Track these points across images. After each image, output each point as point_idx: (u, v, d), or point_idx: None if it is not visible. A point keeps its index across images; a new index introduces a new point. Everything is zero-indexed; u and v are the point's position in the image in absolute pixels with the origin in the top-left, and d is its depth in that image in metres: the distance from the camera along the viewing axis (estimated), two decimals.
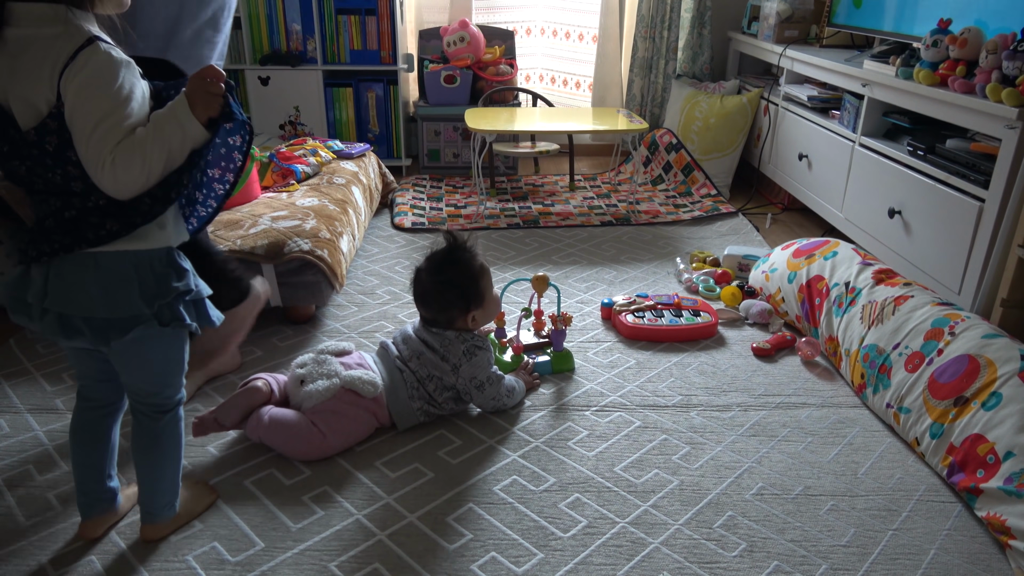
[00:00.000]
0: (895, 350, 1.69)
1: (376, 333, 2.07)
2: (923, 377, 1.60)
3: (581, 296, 2.33)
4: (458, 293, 1.60)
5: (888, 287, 1.83)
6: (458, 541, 1.33)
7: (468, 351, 1.61)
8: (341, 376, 1.56)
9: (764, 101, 3.38)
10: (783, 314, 2.14)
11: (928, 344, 1.63)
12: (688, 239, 2.84)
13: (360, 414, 1.56)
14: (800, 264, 2.09)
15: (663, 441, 1.61)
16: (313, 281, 2.02)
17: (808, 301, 2.02)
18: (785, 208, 3.24)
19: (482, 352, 1.63)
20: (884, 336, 1.74)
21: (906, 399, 1.61)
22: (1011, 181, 1.82)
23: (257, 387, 1.56)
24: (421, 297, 1.64)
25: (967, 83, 1.98)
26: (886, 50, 2.54)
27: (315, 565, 1.27)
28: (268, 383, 1.58)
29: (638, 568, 1.27)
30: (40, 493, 1.43)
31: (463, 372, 1.61)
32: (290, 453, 1.52)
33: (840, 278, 1.95)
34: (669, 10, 3.66)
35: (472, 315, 1.63)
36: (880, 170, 2.39)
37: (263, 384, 1.57)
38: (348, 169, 2.79)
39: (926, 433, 1.54)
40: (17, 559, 1.27)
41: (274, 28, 3.47)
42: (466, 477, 1.49)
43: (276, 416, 1.51)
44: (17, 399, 1.75)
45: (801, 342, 1.97)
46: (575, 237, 2.84)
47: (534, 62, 4.15)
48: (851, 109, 2.59)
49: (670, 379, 1.86)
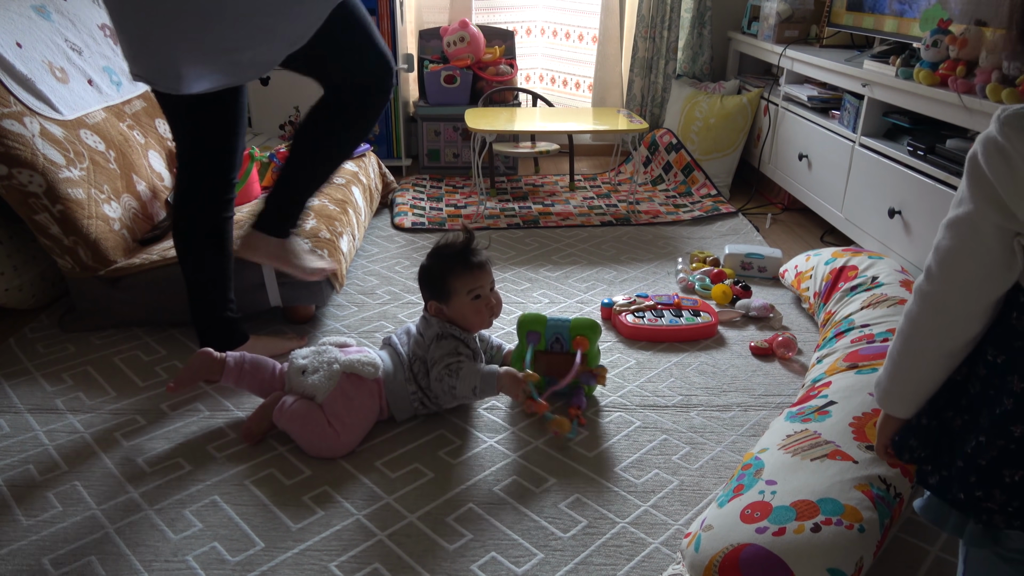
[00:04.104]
0: (863, 328, 1.75)
1: (376, 333, 2.07)
2: (850, 348, 1.67)
3: (581, 296, 2.33)
4: (427, 279, 1.66)
5: (908, 292, 1.87)
6: (458, 541, 1.33)
7: (441, 335, 1.62)
8: (341, 361, 1.58)
9: (764, 101, 3.38)
10: (803, 290, 2.20)
11: (886, 334, 1.68)
12: (688, 239, 2.84)
13: (366, 400, 1.58)
14: (845, 255, 2.16)
15: (663, 441, 1.61)
16: (313, 281, 2.02)
17: (832, 281, 2.07)
18: (785, 208, 3.24)
19: (453, 340, 1.61)
20: (865, 317, 1.80)
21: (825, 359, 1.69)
22: None
23: (207, 352, 1.62)
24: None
25: (967, 83, 1.98)
26: (886, 50, 2.54)
27: (315, 565, 1.27)
28: (224, 355, 1.63)
29: (638, 568, 1.27)
30: (40, 493, 1.43)
31: (430, 353, 1.61)
32: (305, 448, 1.54)
33: (871, 273, 2.01)
34: (669, 10, 3.66)
35: (436, 305, 1.65)
36: (880, 170, 2.39)
37: (216, 352, 1.63)
38: (348, 169, 2.79)
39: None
40: (17, 559, 1.27)
41: None
42: (466, 477, 1.49)
43: (297, 408, 1.54)
44: (17, 399, 1.75)
45: (777, 342, 1.98)
46: (575, 237, 2.84)
47: (534, 62, 4.15)
48: (851, 109, 2.59)
49: (670, 379, 1.86)
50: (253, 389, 1.66)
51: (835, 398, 1.46)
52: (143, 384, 1.81)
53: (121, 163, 2.22)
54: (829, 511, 1.14)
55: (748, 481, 1.28)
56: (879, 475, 1.23)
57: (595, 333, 1.72)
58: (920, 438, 0.94)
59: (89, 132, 2.16)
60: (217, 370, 1.62)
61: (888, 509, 1.20)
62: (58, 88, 2.14)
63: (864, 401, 1.42)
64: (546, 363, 1.73)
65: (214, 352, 1.62)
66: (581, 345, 1.70)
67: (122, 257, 2.07)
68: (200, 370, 1.61)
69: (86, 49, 2.38)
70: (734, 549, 1.12)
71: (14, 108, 1.94)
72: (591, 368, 1.73)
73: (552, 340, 1.72)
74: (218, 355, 1.62)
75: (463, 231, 1.65)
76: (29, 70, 2.05)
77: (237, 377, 1.63)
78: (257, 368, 1.65)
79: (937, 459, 0.92)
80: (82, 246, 1.98)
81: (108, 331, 2.07)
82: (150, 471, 1.50)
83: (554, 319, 1.72)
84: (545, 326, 1.71)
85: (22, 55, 2.07)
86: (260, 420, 1.59)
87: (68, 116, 2.12)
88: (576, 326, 1.72)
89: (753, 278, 2.46)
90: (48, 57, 2.17)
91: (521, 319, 1.73)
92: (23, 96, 2.00)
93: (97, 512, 1.38)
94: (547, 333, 1.72)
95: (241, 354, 1.66)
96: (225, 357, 1.63)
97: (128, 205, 2.19)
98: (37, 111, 2.01)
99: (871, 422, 1.36)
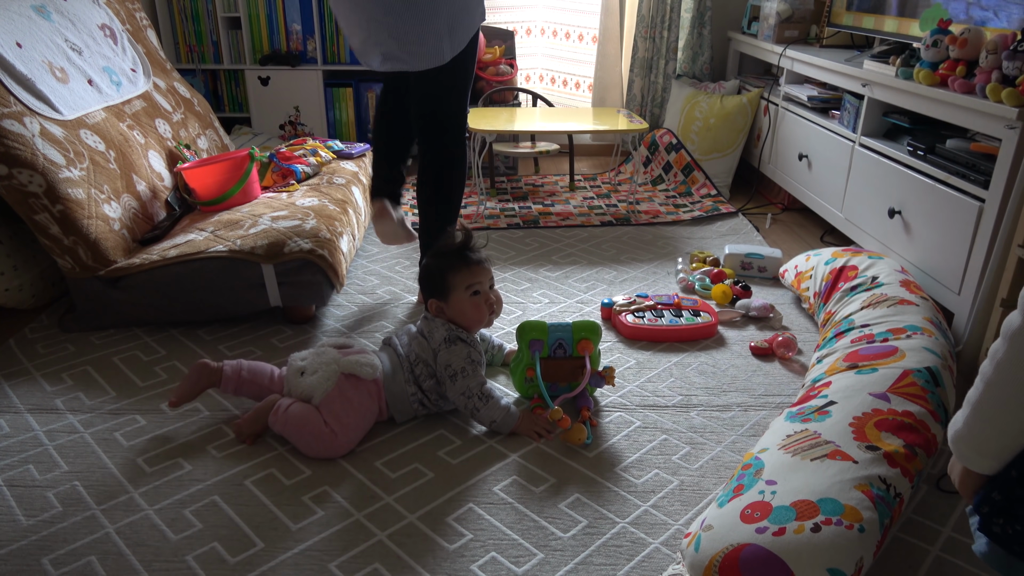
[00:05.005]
0: (863, 328, 1.75)
1: (376, 333, 2.07)
2: (850, 348, 1.68)
3: (581, 296, 2.33)
4: (427, 277, 1.69)
5: (908, 292, 1.87)
6: (458, 541, 1.33)
7: (450, 339, 1.62)
8: (339, 362, 1.58)
9: (764, 101, 3.38)
10: (803, 290, 2.20)
11: (886, 334, 1.68)
12: (688, 239, 2.84)
13: (364, 400, 1.58)
14: (845, 255, 2.17)
15: (663, 441, 1.61)
16: (313, 281, 2.02)
17: (832, 281, 2.08)
18: (785, 208, 3.24)
19: (463, 344, 1.62)
20: (865, 317, 1.80)
21: (825, 359, 1.70)
22: (1011, 181, 1.82)
23: (205, 363, 1.63)
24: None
25: (967, 83, 1.98)
26: (886, 50, 2.55)
27: (315, 565, 1.27)
28: (222, 364, 1.65)
29: (638, 568, 1.27)
30: (40, 493, 1.43)
31: (440, 358, 1.62)
32: (303, 450, 1.54)
33: (871, 273, 2.02)
34: (669, 10, 3.66)
35: (435, 303, 1.66)
36: (880, 170, 2.39)
37: (213, 362, 1.64)
38: (348, 169, 2.79)
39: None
40: (17, 559, 1.27)
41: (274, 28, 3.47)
42: (466, 477, 1.49)
43: (293, 412, 1.53)
44: (17, 399, 1.75)
45: (777, 342, 1.98)
46: (575, 237, 2.84)
47: (534, 62, 4.15)
48: (851, 109, 2.59)
49: (670, 379, 1.86)
50: (253, 395, 1.65)
51: (835, 398, 1.46)
52: (143, 384, 1.81)
53: (121, 163, 2.23)
54: (829, 511, 1.14)
55: (748, 481, 1.28)
56: (879, 475, 1.23)
57: (597, 335, 1.72)
58: (1004, 491, 0.86)
59: (89, 132, 2.16)
60: (215, 379, 1.63)
61: (888, 509, 1.20)
62: (58, 88, 2.14)
63: (864, 401, 1.42)
64: (550, 369, 1.72)
65: (210, 362, 1.63)
66: (586, 348, 1.70)
67: (122, 257, 2.07)
68: (198, 381, 1.62)
69: (86, 49, 2.38)
70: (734, 549, 1.12)
71: (14, 108, 1.94)
72: (596, 369, 1.73)
73: (555, 346, 1.72)
74: (214, 364, 1.63)
75: (461, 230, 1.67)
76: (29, 70, 2.05)
77: (236, 385, 1.63)
78: (255, 374, 1.65)
79: (1010, 510, 0.85)
80: (82, 246, 1.98)
81: (108, 331, 2.07)
82: (150, 471, 1.50)
83: (554, 325, 1.72)
84: (547, 333, 1.71)
85: (22, 55, 2.07)
86: (253, 422, 1.58)
87: (68, 116, 2.12)
88: (578, 329, 1.71)
89: (753, 278, 2.46)
90: (48, 57, 2.18)
91: (521, 328, 1.72)
92: (23, 96, 2.00)
93: (97, 512, 1.38)
94: (549, 339, 1.71)
95: (238, 361, 1.66)
96: (222, 366, 1.63)
97: (128, 205, 2.19)
98: (37, 111, 2.01)
99: (871, 422, 1.36)
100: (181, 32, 3.54)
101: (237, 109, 3.67)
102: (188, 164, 2.48)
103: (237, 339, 2.03)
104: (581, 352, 1.70)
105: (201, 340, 2.02)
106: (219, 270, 1.98)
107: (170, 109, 2.69)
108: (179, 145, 2.59)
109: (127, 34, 2.69)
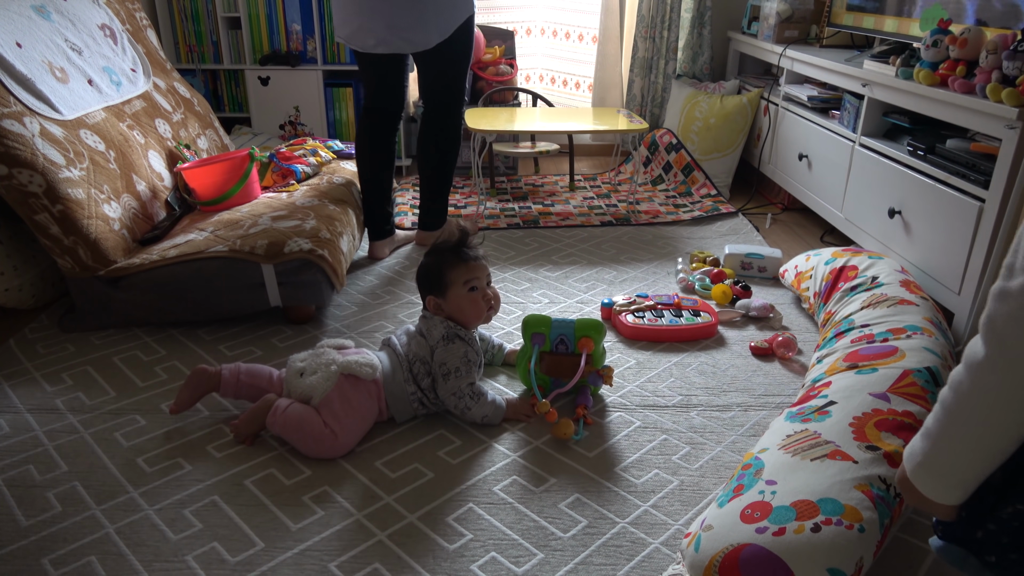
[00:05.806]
0: (863, 328, 1.75)
1: (376, 333, 2.07)
2: (850, 348, 1.68)
3: (581, 296, 2.33)
4: (425, 275, 1.69)
5: (908, 292, 1.87)
6: (458, 541, 1.33)
7: (448, 336, 1.63)
8: (339, 362, 1.58)
9: (764, 101, 3.38)
10: (803, 290, 2.20)
11: (886, 334, 1.68)
12: (688, 239, 2.84)
13: (364, 400, 1.58)
14: (845, 255, 2.17)
15: (663, 441, 1.61)
16: (313, 281, 2.02)
17: (832, 281, 2.08)
18: (785, 208, 3.24)
19: (461, 343, 1.63)
20: (865, 317, 1.80)
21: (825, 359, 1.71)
22: (1011, 181, 1.82)
23: (203, 369, 1.63)
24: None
25: (967, 83, 1.98)
26: (886, 50, 2.55)
27: (315, 565, 1.27)
28: (220, 369, 1.65)
29: (638, 568, 1.27)
30: (40, 493, 1.43)
31: (436, 355, 1.62)
32: (302, 451, 1.54)
33: (871, 273, 2.02)
34: (669, 10, 3.66)
35: (434, 300, 1.66)
36: (880, 170, 2.39)
37: (210, 367, 1.65)
38: (348, 169, 2.79)
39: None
40: (17, 559, 1.27)
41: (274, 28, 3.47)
42: (466, 477, 1.49)
43: (292, 412, 1.53)
44: (17, 399, 1.75)
45: (777, 342, 1.98)
46: (575, 237, 2.84)
47: (534, 62, 4.15)
48: (851, 109, 2.59)
49: (670, 379, 1.86)
50: (253, 398, 1.65)
51: (835, 398, 1.45)
52: (143, 384, 1.81)
53: (121, 163, 2.23)
54: (829, 511, 1.14)
55: (748, 481, 1.28)
56: (879, 475, 1.23)
57: (600, 334, 1.72)
58: (967, 506, 0.86)
59: (89, 132, 2.16)
60: (214, 384, 1.63)
61: (888, 509, 1.20)
62: (58, 88, 2.14)
63: (864, 401, 1.42)
64: (551, 364, 1.73)
65: (208, 368, 1.63)
66: (586, 346, 1.71)
67: (122, 257, 2.07)
68: (197, 387, 1.62)
69: (86, 49, 2.38)
70: (734, 549, 1.12)
71: (14, 108, 1.94)
72: (596, 368, 1.73)
73: (557, 341, 1.72)
74: (212, 369, 1.63)
75: (457, 228, 1.68)
76: (29, 70, 2.05)
77: (235, 388, 1.63)
78: (254, 376, 1.65)
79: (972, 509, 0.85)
80: (82, 246, 1.98)
81: (108, 331, 2.07)
82: (150, 471, 1.50)
83: (558, 320, 1.72)
84: (550, 327, 1.71)
85: (22, 55, 2.07)
86: (250, 423, 1.58)
87: (68, 116, 2.12)
88: (581, 327, 1.72)
89: (753, 278, 2.46)
90: (48, 57, 2.18)
91: (525, 320, 1.73)
92: (23, 96, 2.00)
93: (97, 512, 1.38)
94: (551, 334, 1.72)
95: (236, 365, 1.66)
96: (220, 370, 1.63)
97: (128, 205, 2.19)
98: (37, 111, 2.01)
99: (871, 422, 1.36)
100: (181, 32, 3.54)
101: (237, 109, 3.67)
102: (188, 164, 2.48)
103: (237, 339, 2.03)
104: (581, 350, 1.71)
105: (201, 340, 2.02)
106: (219, 270, 1.98)
107: (170, 109, 2.69)
108: (179, 145, 2.59)
109: (127, 34, 2.69)
